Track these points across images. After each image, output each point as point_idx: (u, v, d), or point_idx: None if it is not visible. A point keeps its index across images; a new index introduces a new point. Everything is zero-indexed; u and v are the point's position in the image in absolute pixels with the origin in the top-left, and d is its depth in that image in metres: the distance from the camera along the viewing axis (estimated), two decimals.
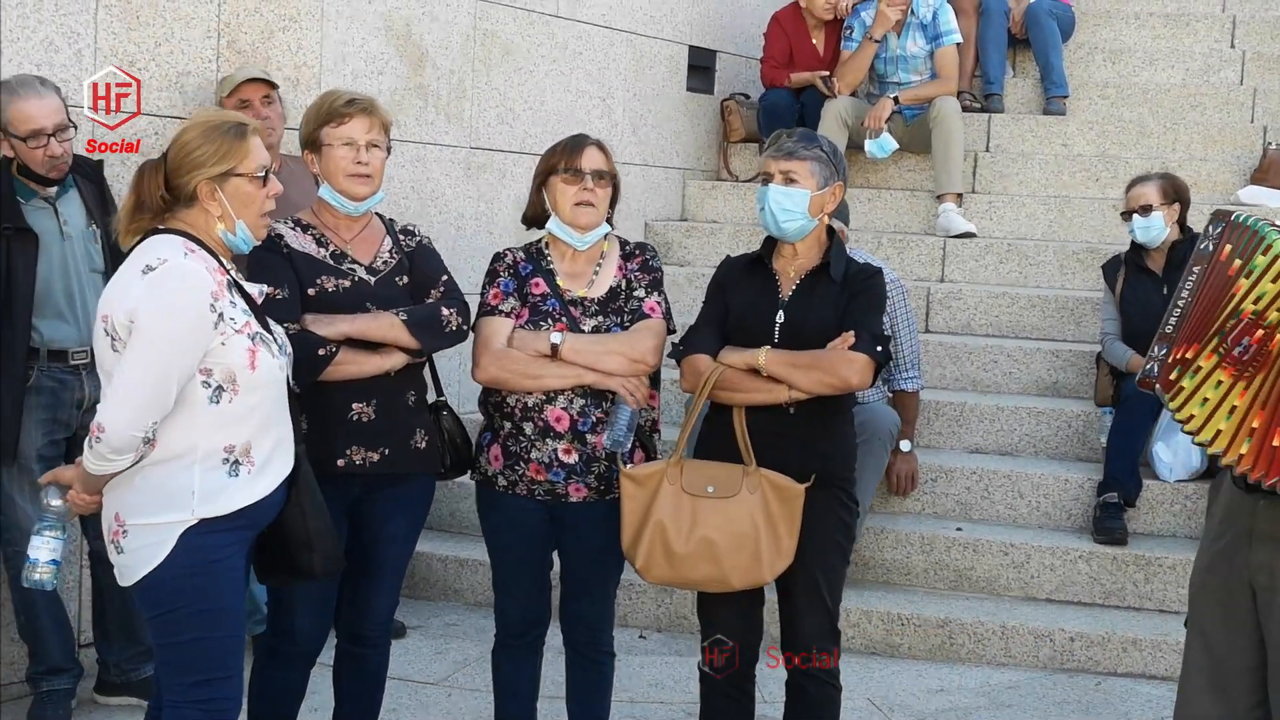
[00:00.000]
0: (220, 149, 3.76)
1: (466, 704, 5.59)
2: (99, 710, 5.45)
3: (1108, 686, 5.90)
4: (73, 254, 5.13)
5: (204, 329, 3.66)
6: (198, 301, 3.65)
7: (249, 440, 3.76)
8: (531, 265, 4.57)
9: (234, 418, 3.73)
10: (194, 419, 3.69)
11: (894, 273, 6.64)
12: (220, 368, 3.70)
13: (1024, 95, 9.59)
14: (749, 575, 4.30)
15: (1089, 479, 6.70)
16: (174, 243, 3.73)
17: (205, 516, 3.69)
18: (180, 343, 3.63)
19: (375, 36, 6.94)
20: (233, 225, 3.81)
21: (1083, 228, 8.50)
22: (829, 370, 4.26)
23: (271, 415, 3.82)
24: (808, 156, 4.37)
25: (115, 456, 3.64)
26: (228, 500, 3.73)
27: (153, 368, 3.61)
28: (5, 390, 5.02)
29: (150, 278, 3.64)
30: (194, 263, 3.69)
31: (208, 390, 3.69)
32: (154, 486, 3.70)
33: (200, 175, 3.75)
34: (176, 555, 3.68)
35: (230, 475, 3.73)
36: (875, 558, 6.58)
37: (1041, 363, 7.51)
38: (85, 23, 5.55)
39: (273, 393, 3.82)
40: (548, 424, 4.43)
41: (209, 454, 3.71)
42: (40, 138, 5.00)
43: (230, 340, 3.70)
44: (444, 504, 6.91)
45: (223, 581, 3.75)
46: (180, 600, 3.71)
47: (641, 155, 8.74)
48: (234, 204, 3.79)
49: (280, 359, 3.83)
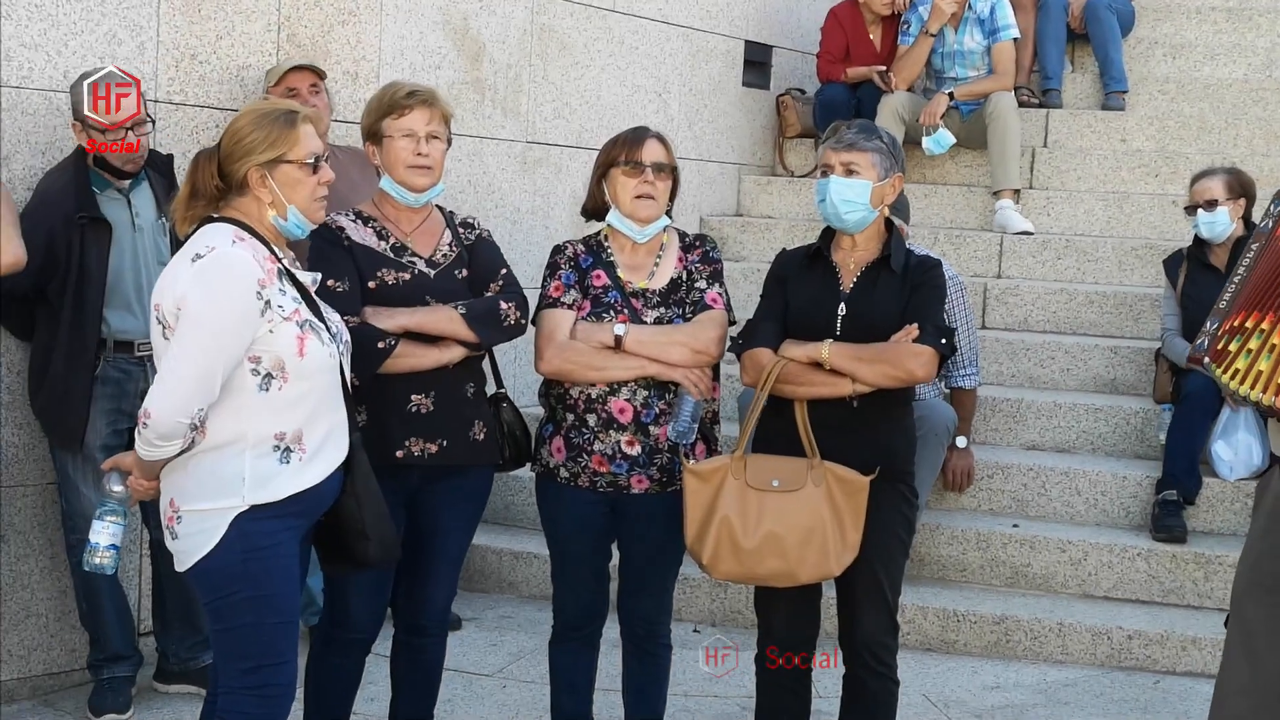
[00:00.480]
0: (270, 135, 3.79)
1: (521, 696, 5.60)
2: (158, 698, 5.50)
3: (1166, 685, 5.86)
4: (143, 246, 5.19)
5: (250, 316, 3.67)
6: (243, 289, 3.67)
7: (300, 427, 3.77)
8: (592, 257, 4.57)
9: (284, 405, 3.74)
10: (244, 406, 3.71)
11: (952, 268, 6.60)
12: (269, 355, 3.71)
13: (1082, 91, 9.52)
14: (817, 569, 4.29)
15: (1147, 476, 6.65)
16: (224, 231, 3.75)
17: (256, 503, 3.71)
18: (225, 330, 3.65)
19: (433, 30, 6.96)
20: (284, 211, 3.83)
21: (1141, 224, 8.44)
22: (894, 363, 4.25)
23: (323, 403, 3.83)
24: (868, 148, 4.35)
25: (162, 442, 3.66)
26: (279, 487, 3.74)
27: (198, 355, 3.63)
28: (74, 379, 5.08)
29: (197, 266, 3.67)
30: (241, 250, 3.71)
31: (257, 378, 3.71)
32: (206, 473, 3.72)
33: (250, 162, 3.78)
34: (228, 541, 3.70)
35: (281, 462, 3.75)
36: (931, 554, 6.56)
37: (1099, 359, 7.46)
38: (148, 16, 5.60)
39: (324, 380, 3.82)
40: (611, 415, 4.43)
41: (259, 441, 3.73)
42: (118, 130, 5.05)
43: (278, 328, 3.71)
44: (500, 497, 6.93)
45: (274, 568, 3.76)
46: (232, 586, 3.73)
47: (697, 150, 8.74)
48: (284, 190, 3.81)
49: (331, 347, 3.83)
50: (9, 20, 5.15)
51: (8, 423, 5.27)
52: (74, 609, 5.41)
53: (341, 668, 4.54)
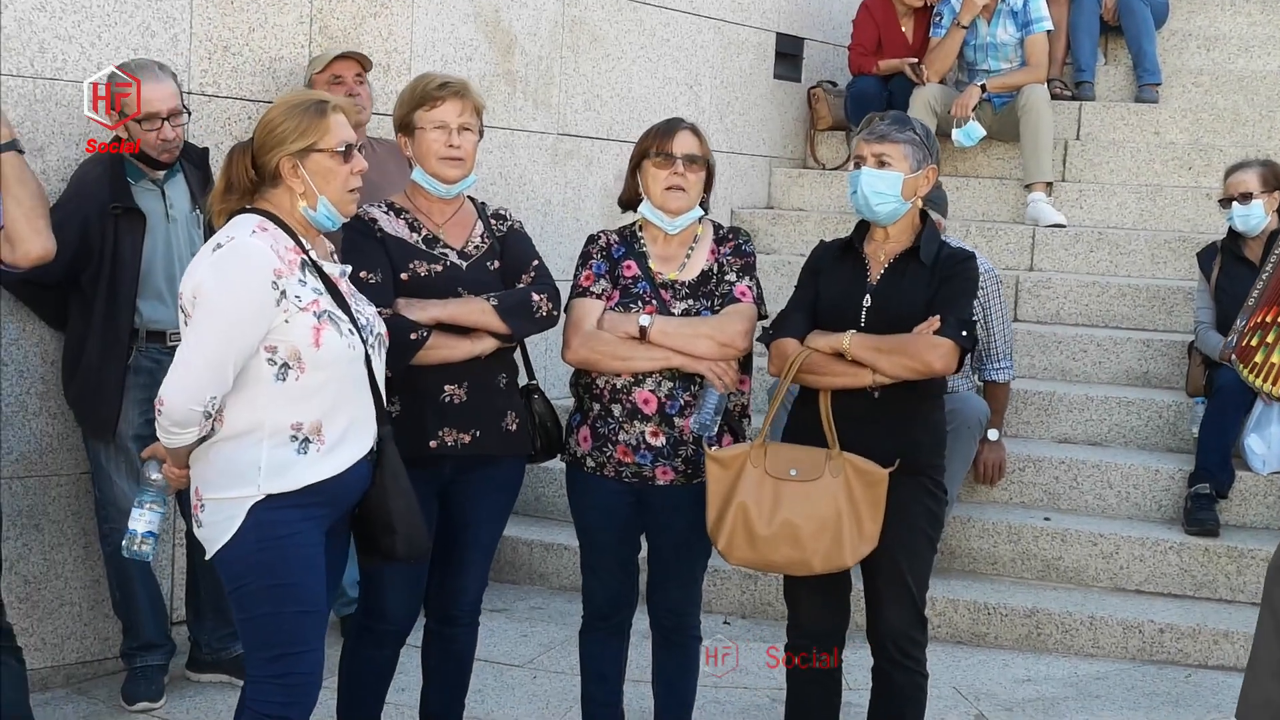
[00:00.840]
0: (300, 125, 3.80)
1: (552, 686, 5.61)
2: (190, 686, 5.53)
3: (1198, 679, 5.84)
4: (176, 237, 5.21)
5: (264, 306, 3.68)
6: (257, 279, 3.68)
7: (319, 418, 3.77)
8: (624, 248, 4.57)
9: (301, 395, 3.75)
10: (261, 395, 3.73)
11: (988, 262, 6.58)
12: (285, 345, 3.72)
13: (1116, 83, 9.49)
14: (831, 559, 4.28)
15: (1180, 470, 6.62)
16: (247, 221, 3.77)
17: (272, 492, 3.72)
18: (237, 319, 3.66)
19: (465, 23, 6.97)
20: (314, 201, 3.83)
21: (1175, 216, 8.41)
22: (912, 355, 4.23)
23: (343, 394, 3.83)
24: (901, 139, 4.34)
25: (177, 430, 3.69)
26: (296, 476, 3.74)
27: (210, 343, 3.65)
28: (108, 369, 5.11)
29: (215, 255, 3.70)
30: (258, 240, 3.72)
31: (273, 367, 3.72)
32: (225, 461, 3.75)
33: (281, 152, 3.79)
34: (246, 530, 3.72)
35: (299, 452, 3.75)
36: (962, 547, 6.54)
37: (1132, 352, 7.43)
38: (181, 8, 5.62)
39: (344, 372, 3.82)
40: (636, 406, 4.43)
41: (276, 430, 3.74)
42: (155, 121, 5.09)
43: (294, 318, 3.72)
44: (530, 489, 6.94)
45: (293, 557, 3.76)
46: (251, 575, 3.75)
47: (728, 143, 8.73)
48: (316, 180, 3.82)
49: (352, 339, 3.82)
50: (43, 12, 5.18)
51: (42, 412, 5.31)
52: (107, 598, 5.45)
53: (375, 660, 4.55)
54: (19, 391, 5.24)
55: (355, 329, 3.85)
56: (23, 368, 5.25)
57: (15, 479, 5.22)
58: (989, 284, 6.40)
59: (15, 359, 5.23)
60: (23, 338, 5.26)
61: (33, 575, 5.35)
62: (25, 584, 5.32)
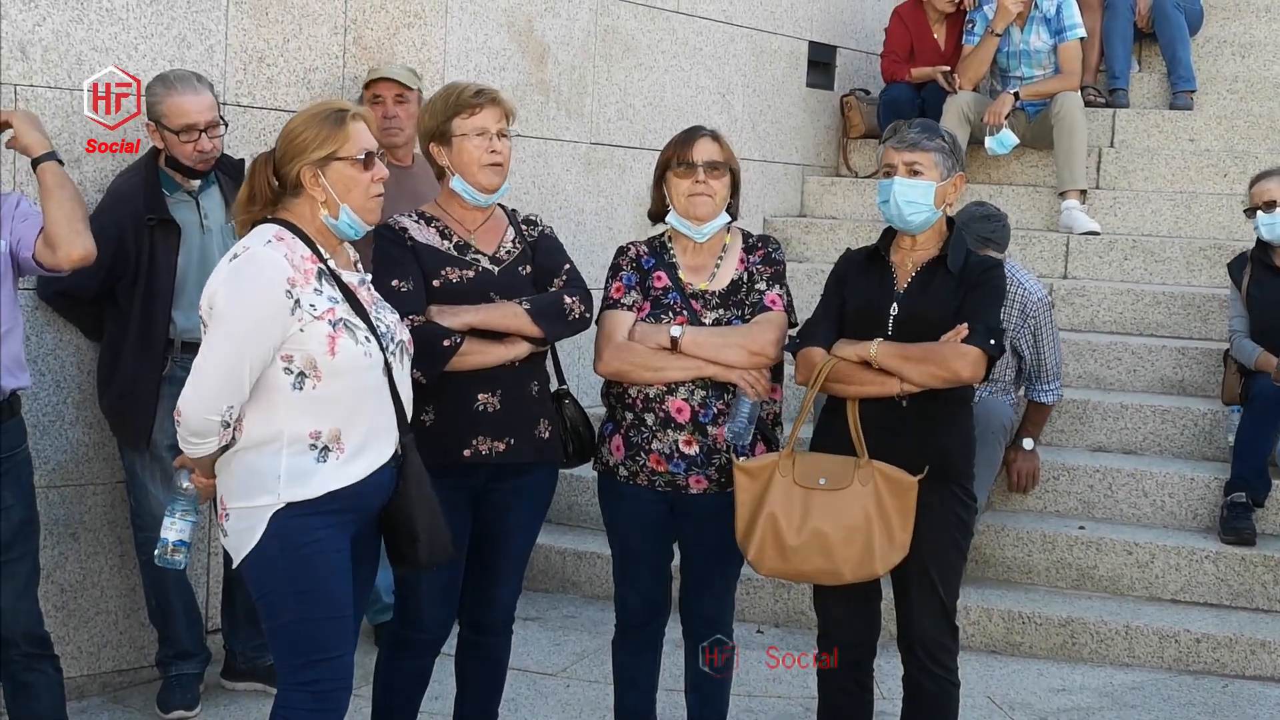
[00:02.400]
0: (321, 134, 3.82)
1: (585, 695, 5.62)
2: (225, 695, 5.55)
3: (1235, 689, 5.81)
4: (210, 248, 5.23)
5: (278, 315, 3.70)
6: (270, 288, 3.70)
7: (337, 426, 3.78)
8: (654, 258, 4.58)
9: (319, 403, 3.76)
10: (279, 404, 3.74)
11: (1042, 289, 6.57)
12: (300, 354, 3.73)
13: (1150, 90, 9.45)
14: (861, 568, 4.27)
15: (1215, 478, 6.59)
16: (264, 231, 3.80)
17: (292, 500, 3.74)
18: (250, 328, 3.68)
19: (498, 33, 6.99)
20: (336, 210, 3.85)
21: (1210, 224, 8.37)
22: (940, 363, 4.22)
23: (363, 402, 3.83)
24: (931, 148, 4.34)
25: (195, 440, 3.72)
26: (316, 484, 3.75)
27: (225, 353, 3.68)
28: (142, 379, 5.14)
29: (230, 265, 3.73)
30: (273, 250, 3.74)
31: (290, 376, 3.74)
32: (245, 470, 3.77)
33: (302, 161, 3.81)
34: (268, 538, 3.74)
35: (319, 460, 3.76)
36: (996, 555, 6.52)
37: (1167, 360, 7.40)
38: (217, 19, 5.66)
39: (361, 380, 3.82)
40: (669, 415, 4.43)
41: (295, 439, 3.75)
42: (193, 132, 5.12)
43: (309, 326, 3.73)
44: (563, 497, 6.95)
45: (318, 564, 3.78)
46: (276, 582, 3.77)
47: (760, 151, 8.73)
48: (337, 188, 3.84)
49: (369, 346, 3.82)
50: (80, 24, 5.22)
51: (78, 422, 5.34)
52: (143, 606, 5.48)
53: (412, 670, 4.56)
54: (55, 401, 5.27)
55: (374, 337, 3.85)
56: (59, 377, 5.28)
57: (52, 488, 5.25)
58: (1042, 310, 6.45)
59: (52, 369, 5.26)
60: (59, 347, 5.29)
61: (69, 584, 5.38)
62: (62, 593, 5.36)
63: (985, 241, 6.21)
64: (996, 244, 6.29)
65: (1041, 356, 6.52)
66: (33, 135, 4.37)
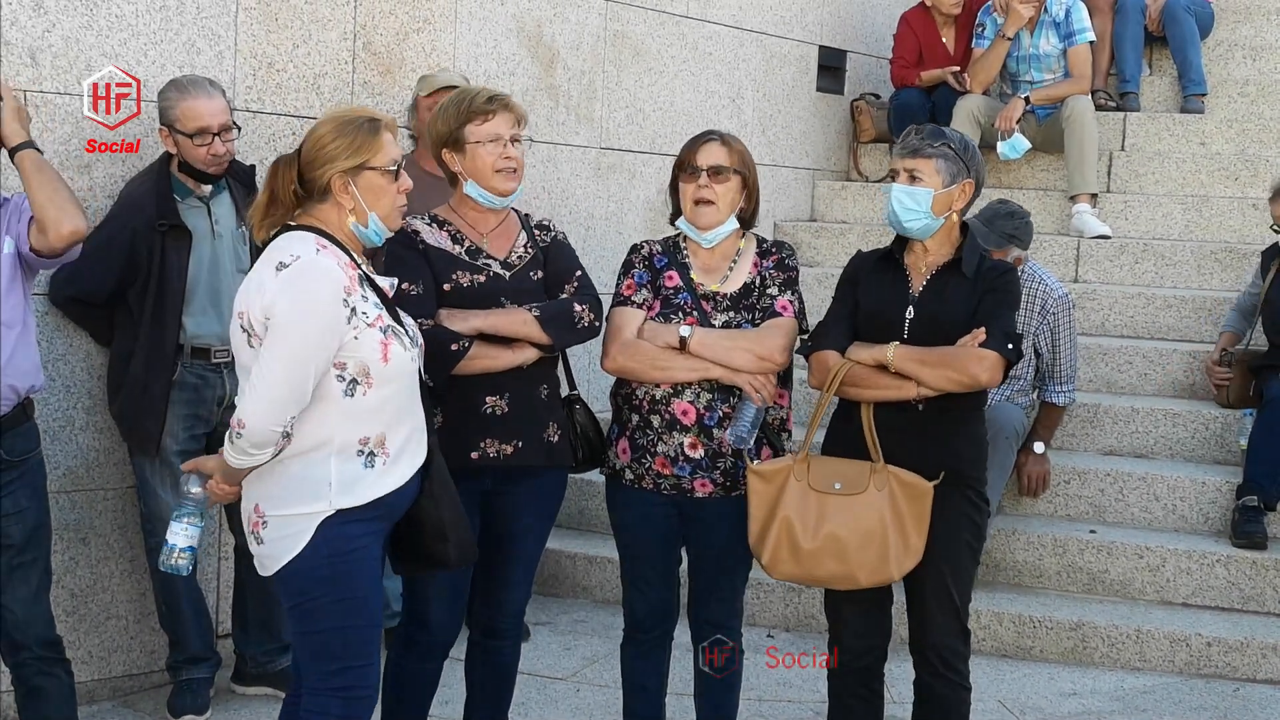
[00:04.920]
0: (354, 143, 3.82)
1: (594, 699, 5.61)
2: (236, 699, 5.56)
3: (1246, 693, 5.79)
4: (221, 253, 5.24)
5: (337, 324, 3.71)
6: (332, 297, 3.70)
7: (383, 431, 3.81)
8: (667, 258, 4.57)
9: (368, 410, 3.78)
10: (330, 412, 3.75)
11: (1063, 287, 6.57)
12: (354, 361, 3.75)
13: (1161, 93, 9.43)
14: (876, 573, 4.27)
15: (1226, 482, 6.57)
16: (307, 239, 3.79)
17: (342, 507, 3.75)
18: (316, 338, 3.68)
19: (507, 38, 7.00)
20: (365, 218, 3.86)
21: (1221, 227, 8.35)
22: (958, 368, 4.22)
23: (404, 406, 3.87)
24: (933, 154, 4.32)
25: (256, 451, 3.70)
26: (364, 491, 3.78)
27: (290, 363, 3.67)
28: (153, 384, 5.14)
29: (285, 274, 3.70)
30: (326, 259, 3.75)
31: (342, 384, 3.75)
32: (293, 478, 3.76)
33: (334, 168, 3.81)
34: (315, 545, 3.74)
35: (366, 466, 3.78)
36: (1007, 559, 6.51)
37: (1178, 364, 7.38)
38: (226, 25, 5.67)
39: (405, 384, 3.86)
40: (674, 417, 4.43)
41: (345, 446, 3.77)
42: (206, 136, 5.13)
43: (363, 334, 3.74)
44: (573, 501, 6.95)
45: (359, 571, 3.80)
46: (319, 589, 3.77)
47: (771, 155, 8.73)
48: (366, 197, 3.84)
49: (412, 351, 3.87)
50: (90, 30, 5.23)
51: (88, 427, 5.35)
52: (153, 611, 5.48)
53: (421, 672, 4.56)
54: (66, 406, 5.28)
55: (411, 341, 3.89)
56: (69, 383, 5.29)
57: (62, 493, 5.26)
58: (1062, 309, 6.44)
59: (62, 374, 5.27)
60: (69, 353, 5.30)
61: (80, 589, 5.39)
62: (72, 597, 5.36)
63: (1009, 239, 6.19)
64: (1020, 241, 6.28)
65: (1058, 356, 6.51)
66: (12, 126, 4.38)
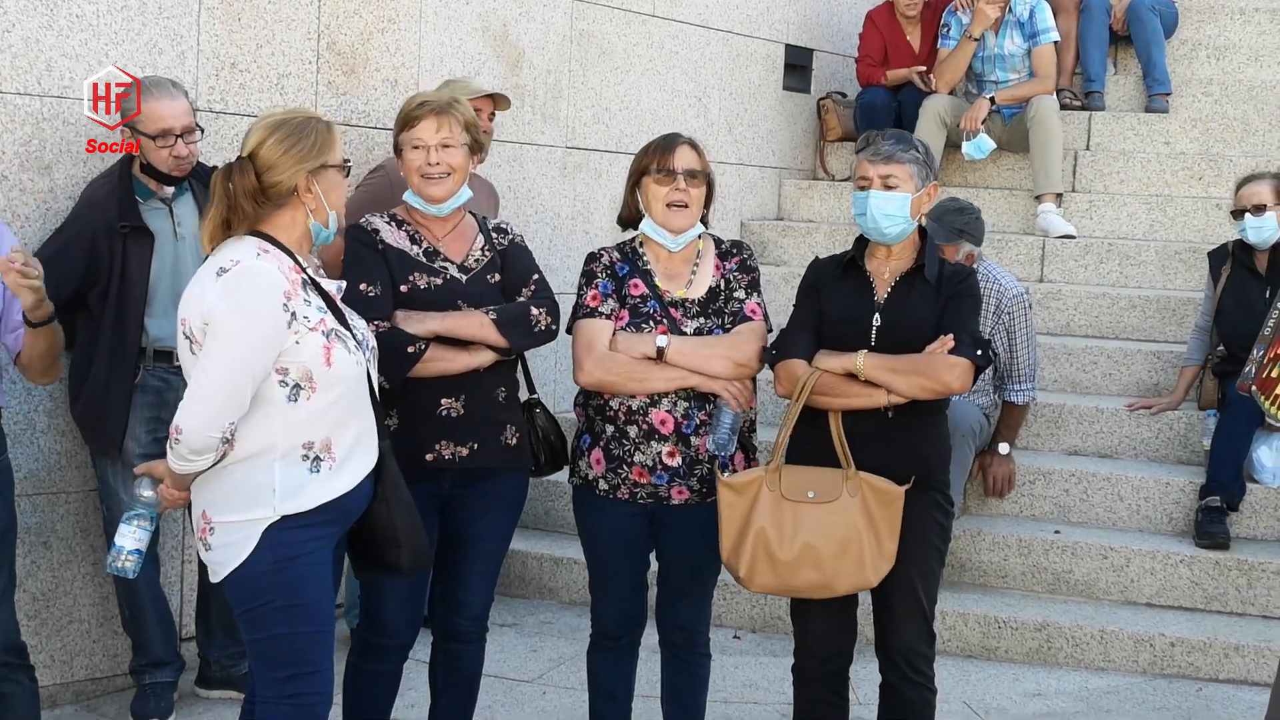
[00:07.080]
0: (316, 141, 3.82)
1: (561, 702, 5.61)
2: (200, 703, 5.53)
3: (1209, 693, 5.82)
4: (184, 256, 5.21)
5: (277, 329, 3.69)
6: (270, 302, 3.68)
7: (328, 436, 3.78)
8: (628, 266, 4.54)
9: (312, 415, 3.75)
10: (273, 418, 3.73)
11: (1021, 286, 6.59)
12: (296, 366, 3.72)
13: (1125, 93, 9.48)
14: (853, 579, 4.27)
15: (1190, 482, 6.60)
16: (248, 244, 3.77)
17: (287, 513, 3.73)
18: (254, 343, 3.66)
19: (473, 37, 6.98)
20: (325, 217, 3.86)
21: (1185, 227, 8.39)
22: (930, 375, 4.22)
23: (351, 411, 3.84)
24: (906, 159, 4.33)
25: (195, 457, 3.68)
26: (309, 496, 3.75)
27: (228, 369, 3.64)
28: (115, 387, 5.11)
29: (224, 280, 3.68)
30: (266, 263, 3.72)
31: (285, 389, 3.72)
32: (237, 484, 3.74)
33: (300, 170, 3.79)
34: (260, 551, 3.72)
35: (311, 471, 3.76)
36: (972, 560, 6.53)
37: (1142, 364, 7.41)
38: (188, 25, 5.63)
39: (351, 388, 3.83)
40: (652, 427, 4.41)
41: (289, 451, 3.74)
42: (169, 138, 5.10)
43: (304, 338, 3.72)
44: (539, 503, 6.94)
45: (307, 577, 3.78)
46: (265, 595, 3.75)
47: (737, 154, 8.73)
48: (328, 196, 3.85)
49: (358, 354, 3.84)
50: (50, 31, 5.19)
51: (50, 430, 5.32)
52: (116, 615, 5.45)
53: (380, 674, 4.54)
54: (27, 409, 5.24)
55: (358, 344, 3.86)
56: (30, 385, 5.24)
57: (24, 496, 5.22)
58: (1018, 308, 6.45)
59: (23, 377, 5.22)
60: None
61: (41, 592, 5.35)
62: (34, 601, 5.33)
63: (959, 234, 6.22)
64: (971, 236, 6.30)
65: (1015, 355, 6.51)
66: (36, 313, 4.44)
